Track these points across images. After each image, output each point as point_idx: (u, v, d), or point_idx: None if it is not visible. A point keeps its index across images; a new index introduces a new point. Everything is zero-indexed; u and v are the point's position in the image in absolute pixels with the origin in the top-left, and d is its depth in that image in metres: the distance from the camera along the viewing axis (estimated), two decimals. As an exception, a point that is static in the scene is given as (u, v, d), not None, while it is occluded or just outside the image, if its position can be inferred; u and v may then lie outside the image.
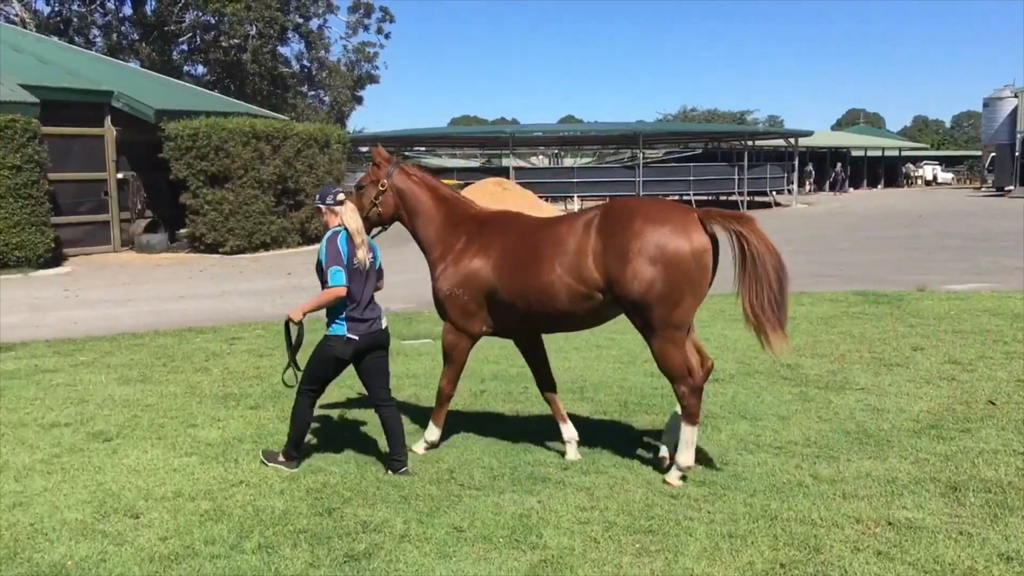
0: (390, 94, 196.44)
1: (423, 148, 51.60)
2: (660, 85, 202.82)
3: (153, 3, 45.99)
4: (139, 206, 22.18)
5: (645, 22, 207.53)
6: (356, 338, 5.59)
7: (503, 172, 36.53)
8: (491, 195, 29.83)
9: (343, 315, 5.59)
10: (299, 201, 22.71)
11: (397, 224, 6.38)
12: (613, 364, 8.60)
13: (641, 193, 36.41)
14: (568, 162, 53.25)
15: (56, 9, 45.61)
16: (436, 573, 4.20)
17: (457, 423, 6.65)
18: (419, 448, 6.03)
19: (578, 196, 36.60)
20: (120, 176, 21.69)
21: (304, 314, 5.62)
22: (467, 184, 32.52)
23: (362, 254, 5.56)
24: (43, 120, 18.70)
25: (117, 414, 7.16)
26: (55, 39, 33.54)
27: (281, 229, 22.27)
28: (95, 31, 47.02)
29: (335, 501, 5.13)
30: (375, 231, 6.32)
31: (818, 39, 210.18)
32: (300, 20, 48.62)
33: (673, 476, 5.33)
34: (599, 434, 6.32)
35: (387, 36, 52.68)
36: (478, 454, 5.95)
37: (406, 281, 15.74)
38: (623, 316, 5.72)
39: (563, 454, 5.89)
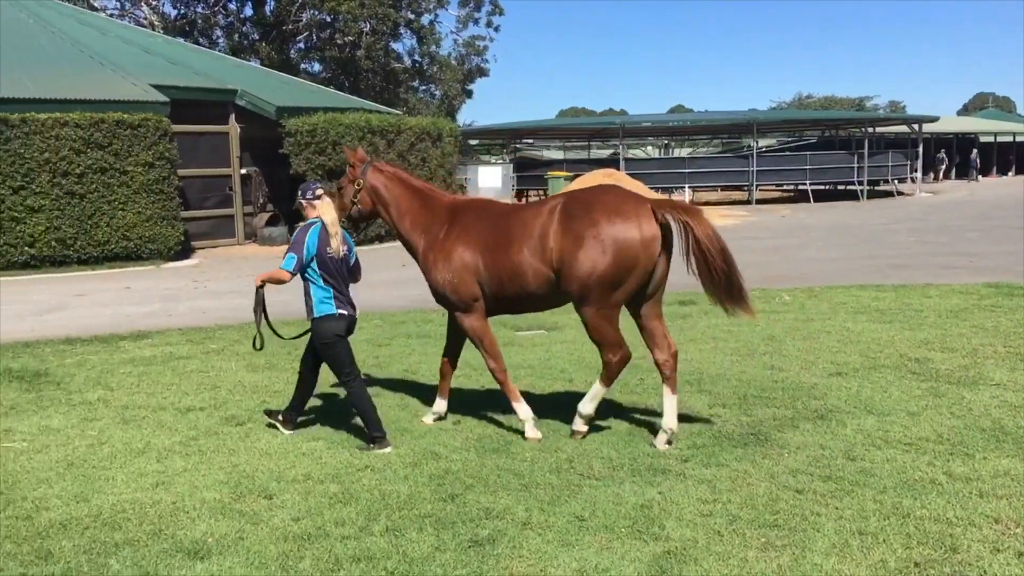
0: (498, 87, 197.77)
1: (531, 140, 51.78)
2: (772, 73, 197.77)
3: (272, 3, 47.49)
4: (261, 200, 22.98)
5: (756, 7, 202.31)
6: (345, 313, 6.18)
7: (613, 163, 36.30)
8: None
9: (330, 296, 6.15)
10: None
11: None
12: (731, 356, 8.46)
13: (755, 183, 35.63)
14: (680, 152, 52.48)
15: (182, 12, 47.60)
16: (559, 561, 4.24)
17: (573, 413, 6.67)
18: (529, 432, 6.18)
19: (689, 187, 36.07)
20: (243, 172, 22.52)
21: (262, 281, 6.38)
22: (577, 175, 32.47)
23: (335, 243, 6.12)
24: (172, 118, 19.57)
25: (247, 399, 7.47)
26: (181, 40, 35.03)
27: (395, 222, 22.71)
28: (218, 32, 48.85)
29: (457, 488, 5.23)
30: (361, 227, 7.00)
31: (942, 20, 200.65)
32: (412, 16, 49.33)
33: (578, 423, 6.07)
34: (718, 426, 6.25)
35: (497, 29, 52.98)
36: (596, 444, 5.96)
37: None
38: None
39: (661, 443, 5.84)
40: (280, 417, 6.53)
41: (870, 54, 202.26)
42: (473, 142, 50.08)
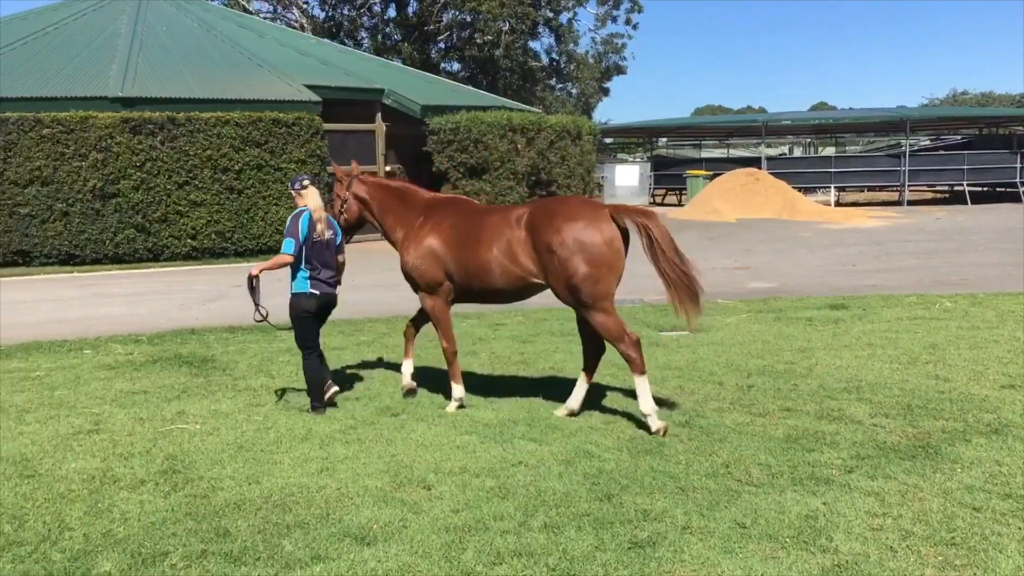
0: (633, 84, 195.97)
1: (666, 139, 51.10)
2: (923, 68, 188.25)
3: (415, 5, 48.64)
4: (404, 197, 23.55)
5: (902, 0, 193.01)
6: (318, 293, 6.93)
7: (753, 162, 35.41)
8: (742, 186, 29.04)
9: (307, 276, 6.92)
10: (551, 192, 23.24)
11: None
12: (890, 364, 8.10)
13: (907, 183, 34.06)
14: (825, 152, 50.68)
15: (329, 14, 49.37)
16: (723, 568, 4.16)
17: (725, 417, 6.54)
18: (451, 408, 6.95)
19: (836, 187, 34.81)
20: (388, 168, 23.15)
21: (260, 271, 7.01)
22: (716, 175, 31.85)
23: (320, 228, 6.92)
24: (323, 117, 20.32)
25: (399, 391, 7.65)
26: (328, 41, 36.31)
27: (533, 219, 22.85)
28: (362, 33, 50.42)
29: (613, 488, 5.21)
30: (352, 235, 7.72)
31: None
32: (551, 14, 49.54)
33: (653, 423, 6.22)
34: (883, 437, 5.99)
35: (635, 27, 52.58)
36: (752, 450, 5.81)
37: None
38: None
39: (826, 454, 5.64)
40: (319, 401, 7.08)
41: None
42: (607, 140, 49.82)
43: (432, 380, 7.97)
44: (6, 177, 17.80)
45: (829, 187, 34.69)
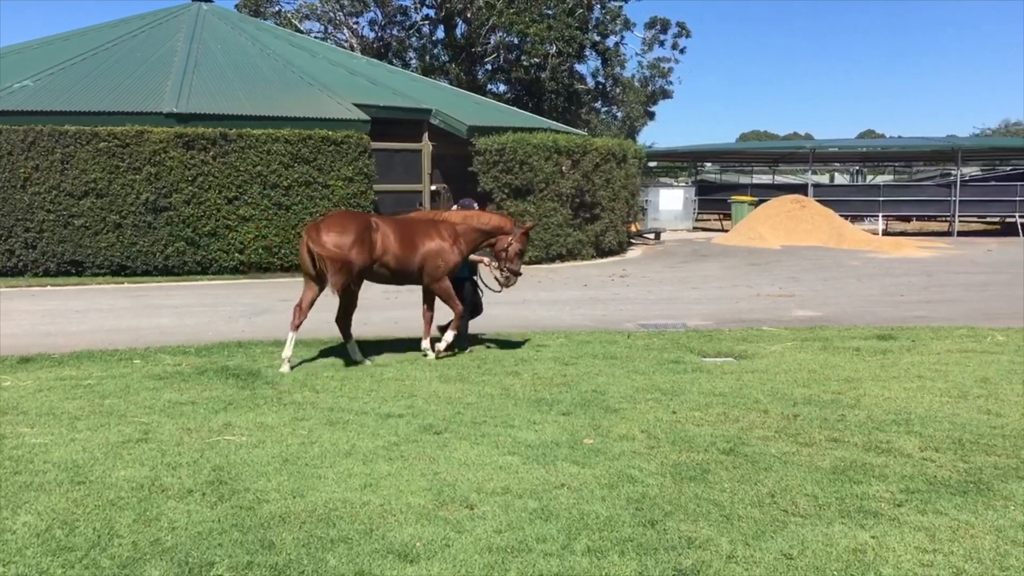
0: (679, 108, 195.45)
1: (710, 164, 50.86)
2: (973, 97, 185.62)
3: (463, 27, 49.08)
4: (448, 216, 23.69)
5: (952, 26, 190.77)
6: None
7: (800, 189, 35.10)
8: (788, 213, 28.81)
9: None
10: (595, 215, 23.23)
11: (694, 243, 6.43)
12: (940, 397, 7.96)
13: (957, 213, 33.53)
14: (872, 179, 50.09)
15: (379, 35, 50.06)
16: (769, 599, 4.11)
17: (771, 446, 6.47)
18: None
19: (883, 215, 34.37)
20: (433, 188, 23.33)
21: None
22: (762, 201, 31.64)
23: None
24: (371, 135, 20.56)
25: (442, 409, 7.68)
26: (377, 61, 36.78)
27: (576, 241, 22.87)
28: (410, 54, 51.02)
29: (656, 514, 5.17)
30: None
31: None
32: (598, 38, 49.75)
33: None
34: (932, 471, 5.88)
35: (683, 52, 52.62)
36: (799, 480, 5.74)
37: (702, 298, 15.60)
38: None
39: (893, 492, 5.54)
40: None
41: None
42: (652, 164, 49.73)
43: (469, 399, 7.99)
44: (63, 189, 18.23)
45: (877, 215, 34.25)
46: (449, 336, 10.14)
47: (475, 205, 11.02)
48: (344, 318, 9.93)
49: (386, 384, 8.72)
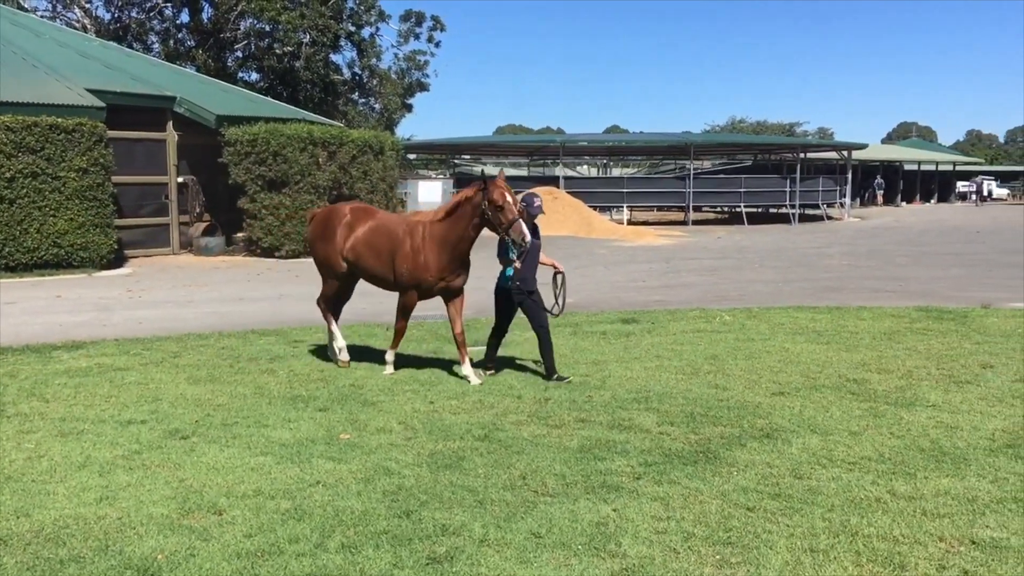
0: (437, 102, 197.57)
1: (468, 156, 51.84)
2: (706, 96, 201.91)
3: (210, 11, 46.76)
4: (198, 209, 22.57)
5: (690, 31, 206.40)
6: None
7: (551, 181, 36.56)
8: (541, 204, 29.81)
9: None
10: (353, 207, 22.95)
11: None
12: (676, 375, 8.57)
13: (692, 204, 36.23)
14: (616, 172, 53.07)
15: (116, 15, 46.61)
16: (518, 578, 4.24)
17: (523, 430, 6.69)
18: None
19: (627, 206, 36.50)
20: (180, 180, 22.11)
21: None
22: (518, 193, 32.59)
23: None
24: (108, 124, 19.13)
25: (190, 413, 7.30)
26: (116, 45, 34.29)
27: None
28: (152, 37, 47.93)
29: (412, 504, 5.19)
30: None
31: (869, 51, 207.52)
32: (352, 28, 49.12)
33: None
34: (668, 444, 6.32)
35: (438, 45, 53.06)
36: (548, 461, 5.97)
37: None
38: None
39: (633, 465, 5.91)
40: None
41: (800, 81, 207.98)
42: (411, 156, 49.95)
43: (220, 400, 7.67)
44: None
45: (622, 206, 36.33)
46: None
47: (537, 200, 9.24)
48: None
49: (127, 389, 8.16)
